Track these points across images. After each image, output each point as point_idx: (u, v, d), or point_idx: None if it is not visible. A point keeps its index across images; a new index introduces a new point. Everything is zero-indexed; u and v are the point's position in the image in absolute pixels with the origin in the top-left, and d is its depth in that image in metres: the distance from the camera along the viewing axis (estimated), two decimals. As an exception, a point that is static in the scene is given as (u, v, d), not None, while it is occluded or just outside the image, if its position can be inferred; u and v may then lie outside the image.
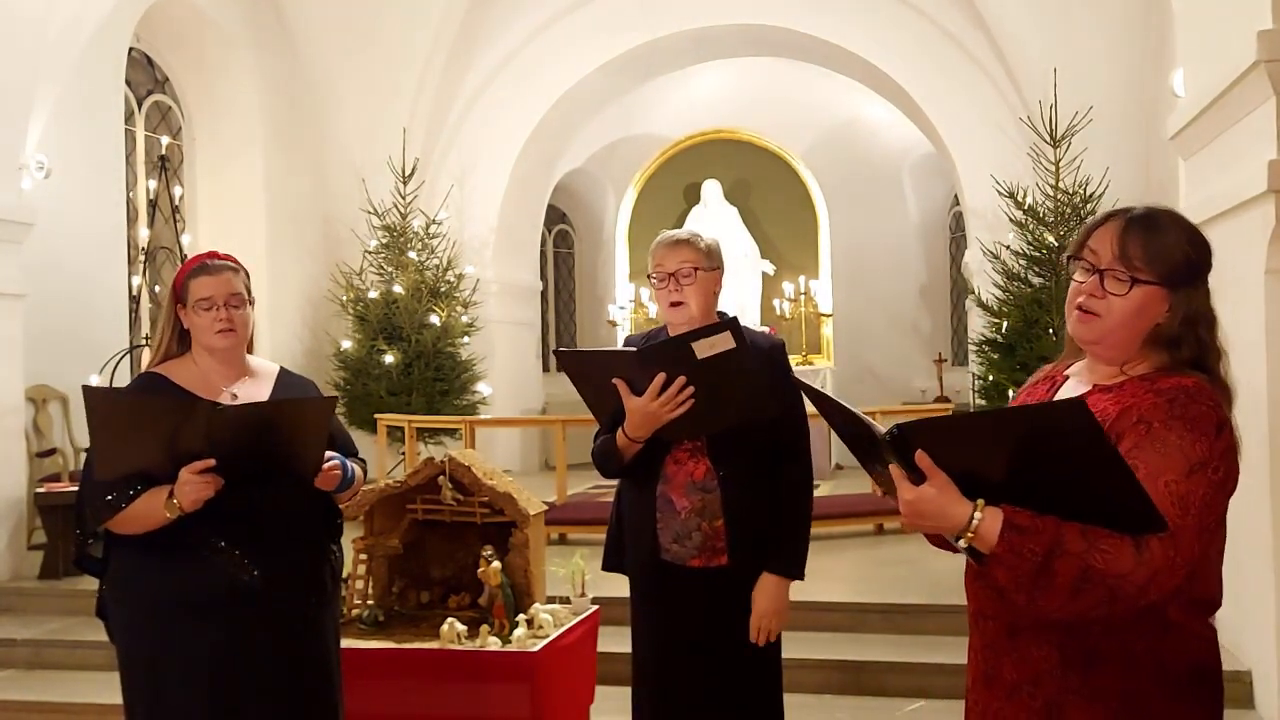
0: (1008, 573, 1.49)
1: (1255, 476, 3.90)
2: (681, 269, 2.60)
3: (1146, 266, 1.61)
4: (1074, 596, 1.47)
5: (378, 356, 8.90)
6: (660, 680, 2.63)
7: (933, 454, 1.51)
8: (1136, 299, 1.61)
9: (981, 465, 1.51)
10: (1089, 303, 1.64)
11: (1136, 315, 1.62)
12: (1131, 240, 1.62)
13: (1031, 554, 1.47)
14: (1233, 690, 4.06)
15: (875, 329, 12.05)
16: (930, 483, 1.51)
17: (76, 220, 7.03)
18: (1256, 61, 3.62)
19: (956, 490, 1.51)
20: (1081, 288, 1.66)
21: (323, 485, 2.47)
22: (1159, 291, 1.61)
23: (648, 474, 2.61)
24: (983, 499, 1.51)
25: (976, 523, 1.50)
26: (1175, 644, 1.60)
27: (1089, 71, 7.99)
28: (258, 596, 2.41)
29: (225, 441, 2.29)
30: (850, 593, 5.31)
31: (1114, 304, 1.62)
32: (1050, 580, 1.47)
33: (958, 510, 1.51)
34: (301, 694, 2.49)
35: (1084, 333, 1.67)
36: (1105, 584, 1.46)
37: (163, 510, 2.32)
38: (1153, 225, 1.63)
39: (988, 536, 1.49)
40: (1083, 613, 1.50)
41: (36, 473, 6.42)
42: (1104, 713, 1.59)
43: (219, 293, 2.47)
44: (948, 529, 1.53)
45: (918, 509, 1.52)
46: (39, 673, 5.04)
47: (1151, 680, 1.59)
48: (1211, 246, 1.68)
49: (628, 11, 9.54)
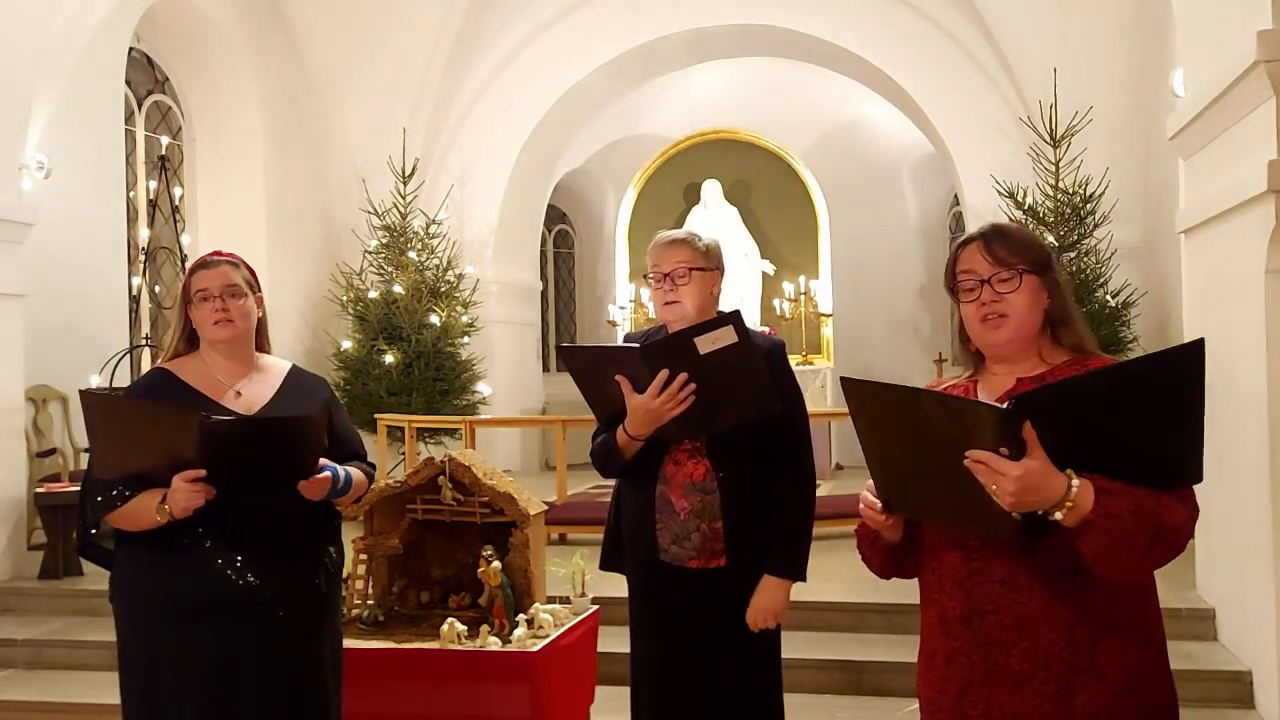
0: (1103, 538, 1.54)
1: (1255, 476, 3.89)
2: (677, 269, 2.59)
3: (1020, 260, 1.79)
4: (1148, 553, 1.56)
5: (378, 356, 8.90)
6: (660, 681, 2.63)
7: (1038, 425, 1.54)
8: (1027, 290, 1.79)
9: (1059, 433, 1.54)
10: (994, 308, 1.79)
11: (1032, 304, 1.79)
12: (996, 245, 1.81)
13: (1125, 514, 1.53)
14: (1233, 690, 4.11)
15: (875, 329, 12.04)
16: (1032, 455, 1.53)
17: (76, 220, 7.03)
18: (1256, 61, 3.62)
19: (1050, 462, 1.55)
20: (978, 301, 1.80)
21: (309, 494, 2.45)
22: (1035, 279, 1.80)
23: (647, 475, 2.61)
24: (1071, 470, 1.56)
25: (1075, 490, 1.54)
26: (1152, 606, 1.72)
27: (1089, 71, 7.99)
28: (254, 599, 2.41)
29: (216, 453, 2.29)
30: (850, 593, 5.30)
31: (1013, 300, 1.78)
32: (1134, 541, 1.54)
33: (1058, 481, 1.54)
34: (295, 697, 2.48)
35: (999, 336, 1.80)
36: (1169, 537, 1.56)
37: (154, 513, 2.34)
38: (1004, 230, 1.85)
39: (1084, 504, 1.54)
40: (1150, 568, 1.61)
41: (36, 473, 6.42)
42: (1111, 688, 1.65)
43: (215, 284, 2.50)
44: (1048, 501, 1.55)
45: (1026, 483, 1.53)
46: (39, 673, 5.04)
47: (1144, 649, 1.68)
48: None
49: (627, 11, 9.55)
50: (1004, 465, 1.53)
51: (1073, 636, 1.65)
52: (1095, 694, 1.64)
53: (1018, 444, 1.53)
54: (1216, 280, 4.42)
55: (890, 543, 1.86)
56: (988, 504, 1.56)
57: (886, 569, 1.94)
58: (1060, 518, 1.54)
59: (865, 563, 1.97)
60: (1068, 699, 1.65)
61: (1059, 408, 1.55)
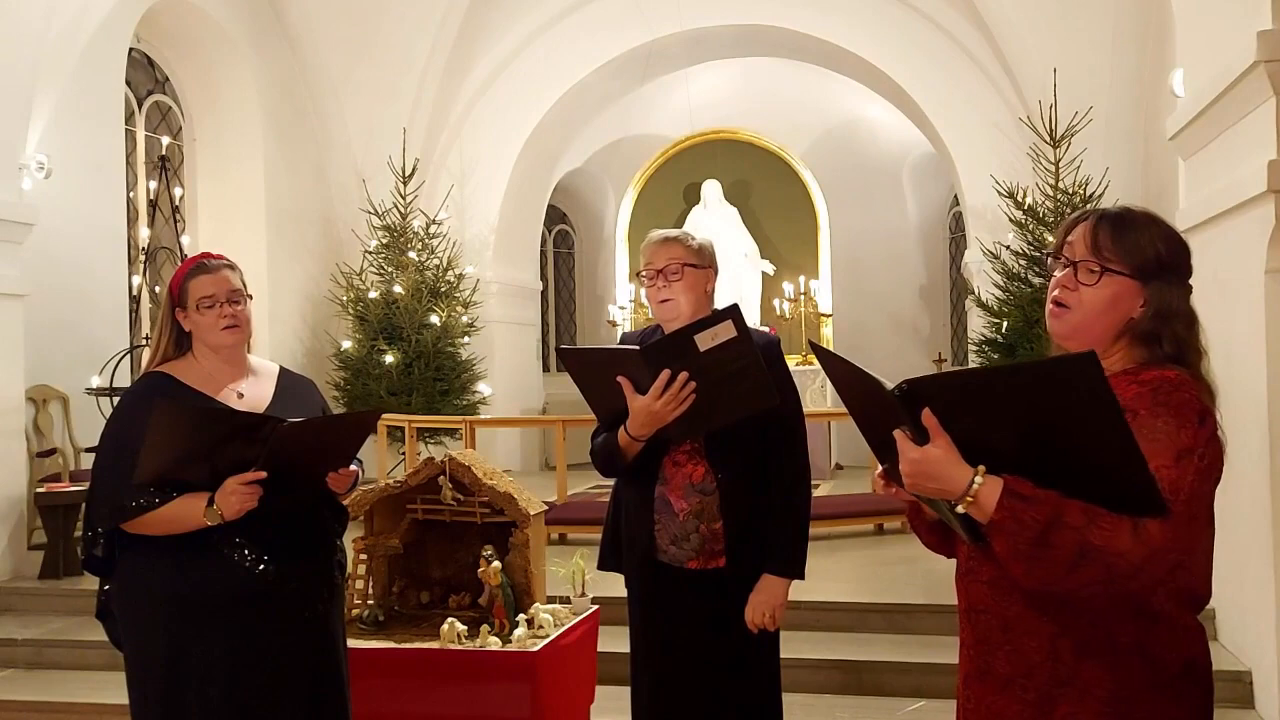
0: (1007, 540, 1.49)
1: (1255, 476, 3.89)
2: (670, 265, 2.60)
3: (1117, 257, 1.64)
4: (1071, 571, 1.48)
5: (378, 356, 8.90)
6: (659, 681, 2.63)
7: (939, 413, 1.50)
8: (1107, 289, 1.64)
9: (986, 428, 1.50)
10: (1062, 295, 1.68)
11: (1109, 307, 1.65)
12: (1102, 232, 1.66)
13: (1032, 522, 1.46)
14: (1233, 690, 4.11)
15: (875, 329, 12.04)
16: (934, 443, 1.50)
17: (76, 220, 7.03)
18: (1256, 61, 3.62)
19: (958, 454, 1.50)
20: (1056, 281, 1.69)
21: (336, 486, 2.50)
22: (1130, 284, 1.64)
23: (646, 475, 2.61)
24: (983, 466, 1.50)
25: (977, 486, 1.49)
26: (1164, 637, 1.60)
27: (1089, 71, 7.99)
28: (272, 593, 2.42)
29: (284, 455, 2.31)
30: (850, 593, 5.31)
31: (1085, 295, 1.66)
32: (1048, 552, 1.47)
33: (959, 473, 1.50)
34: (315, 690, 2.50)
35: (1057, 326, 1.70)
36: (1103, 561, 1.46)
37: (200, 517, 2.33)
38: (1125, 220, 1.67)
39: (986, 502, 1.49)
40: (1079, 589, 1.51)
41: (36, 473, 6.42)
42: (1094, 706, 1.59)
43: (220, 290, 2.49)
44: (949, 493, 1.51)
45: (921, 469, 1.51)
46: (39, 673, 5.04)
47: (1139, 674, 1.59)
48: (1190, 249, 1.70)
49: (627, 12, 9.55)
50: (906, 446, 1.52)
51: (1055, 648, 1.61)
52: (1075, 710, 1.60)
53: (919, 428, 1.51)
54: (1216, 280, 4.42)
55: (930, 516, 1.79)
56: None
57: (934, 543, 1.86)
58: (964, 511, 1.51)
59: (915, 533, 1.90)
60: (1047, 710, 1.62)
61: (958, 398, 1.50)
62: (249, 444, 2.30)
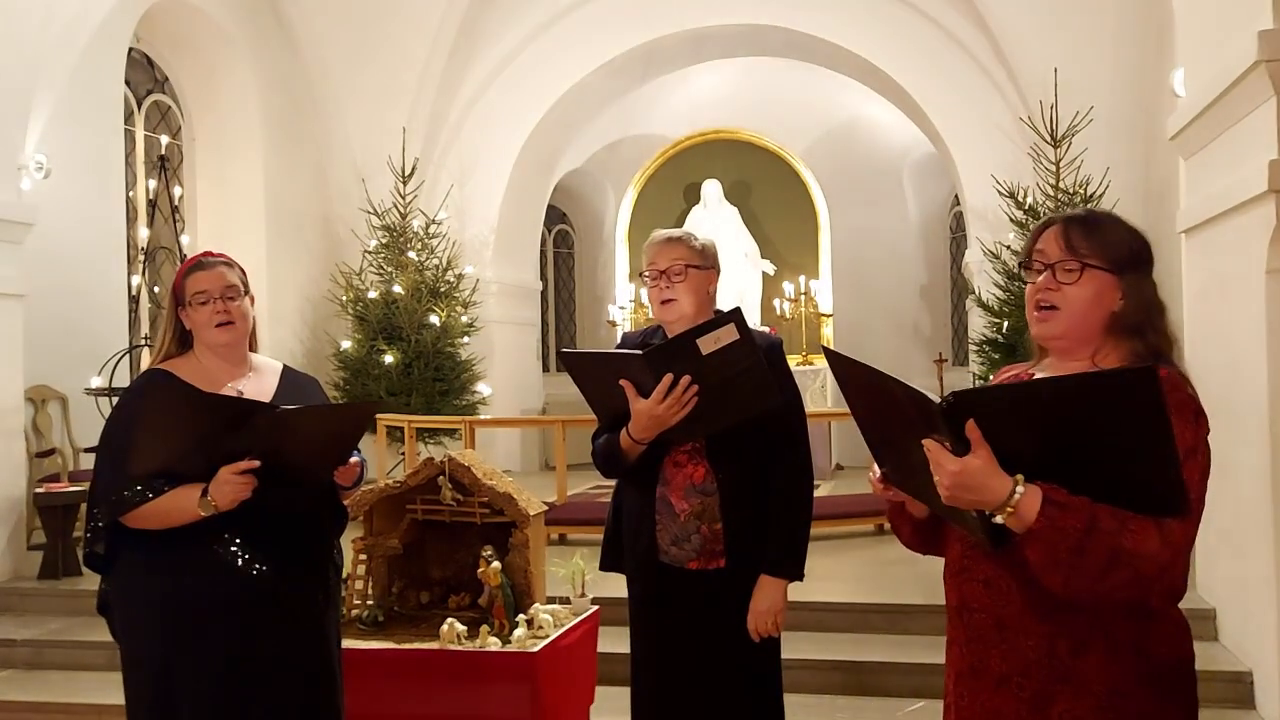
0: (1045, 549, 1.49)
1: (1255, 476, 3.89)
2: (673, 266, 2.59)
3: (1093, 253, 1.69)
4: (1103, 576, 1.49)
5: (377, 356, 8.90)
6: (659, 681, 2.63)
7: (981, 425, 1.50)
8: (1090, 285, 1.69)
9: (1024, 439, 1.50)
10: (1046, 296, 1.71)
11: (1093, 303, 1.69)
12: (1074, 233, 1.71)
13: (1072, 530, 1.47)
14: (1233, 690, 4.11)
15: (875, 329, 12.03)
16: (975, 454, 1.50)
17: (76, 220, 7.03)
18: (1256, 61, 3.62)
19: (997, 464, 1.51)
20: (1036, 286, 1.73)
21: (341, 479, 2.49)
22: (1109, 278, 1.69)
23: (647, 476, 2.60)
24: (1021, 475, 1.51)
25: (1018, 497, 1.49)
26: (1158, 634, 1.63)
27: (1089, 71, 7.99)
28: (268, 594, 2.41)
29: (279, 444, 2.30)
30: (850, 593, 5.31)
31: (1069, 293, 1.69)
32: (1083, 559, 1.48)
33: (999, 484, 1.50)
34: (308, 692, 2.49)
35: (1045, 329, 1.73)
36: (1133, 565, 1.48)
37: (195, 508, 2.32)
38: (1093, 219, 1.73)
39: (1027, 512, 1.49)
40: (1109, 594, 1.52)
41: (36, 473, 6.42)
42: (1090, 702, 1.61)
43: (214, 286, 2.49)
44: (986, 504, 1.52)
45: (962, 480, 1.51)
46: (39, 673, 5.04)
47: (1134, 671, 1.61)
48: (1150, 242, 1.75)
49: (627, 12, 9.54)
50: (944, 458, 1.52)
51: (1052, 646, 1.62)
52: (1072, 706, 1.61)
53: (960, 440, 1.51)
54: (1217, 280, 4.41)
55: (917, 517, 1.81)
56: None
57: (916, 543, 1.88)
58: (1002, 521, 1.52)
59: (895, 533, 1.92)
60: (1044, 707, 1.63)
61: (1004, 410, 1.51)
62: (246, 436, 2.29)
